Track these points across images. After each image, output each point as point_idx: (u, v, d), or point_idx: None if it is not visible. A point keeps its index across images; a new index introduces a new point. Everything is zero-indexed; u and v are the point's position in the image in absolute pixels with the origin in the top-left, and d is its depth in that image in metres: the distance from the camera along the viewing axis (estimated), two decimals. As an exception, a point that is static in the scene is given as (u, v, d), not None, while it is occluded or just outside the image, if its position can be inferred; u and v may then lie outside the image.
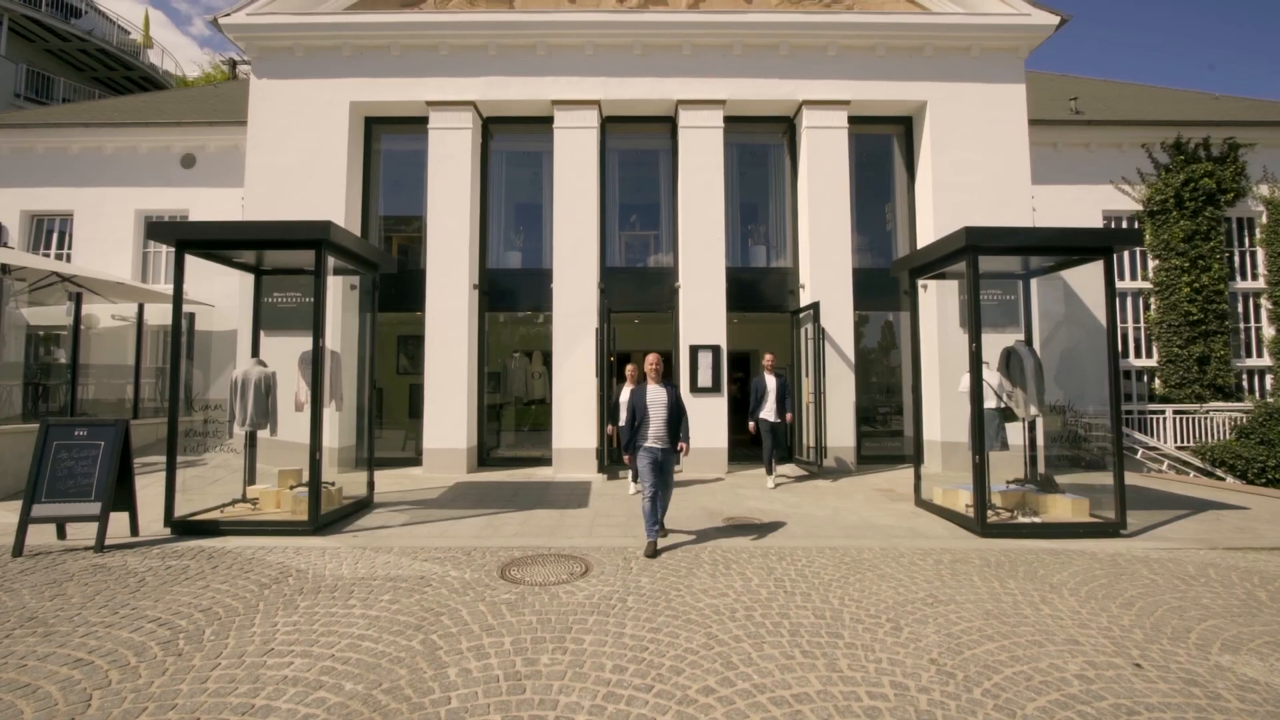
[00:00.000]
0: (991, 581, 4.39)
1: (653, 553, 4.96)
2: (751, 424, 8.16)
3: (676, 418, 5.26)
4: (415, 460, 9.45)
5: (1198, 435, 11.13)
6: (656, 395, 5.25)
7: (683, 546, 5.24)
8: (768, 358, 8.20)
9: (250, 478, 6.66)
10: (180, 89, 20.55)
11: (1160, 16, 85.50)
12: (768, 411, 8.00)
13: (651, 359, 5.38)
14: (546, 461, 9.35)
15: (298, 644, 3.32)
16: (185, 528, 5.54)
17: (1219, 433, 11.08)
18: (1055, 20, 9.22)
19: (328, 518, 5.80)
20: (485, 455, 9.68)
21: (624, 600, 3.98)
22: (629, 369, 7.52)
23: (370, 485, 6.83)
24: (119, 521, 5.38)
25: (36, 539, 5.18)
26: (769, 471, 8.08)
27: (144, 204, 11.94)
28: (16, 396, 11.43)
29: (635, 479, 7.27)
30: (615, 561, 4.80)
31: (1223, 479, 9.90)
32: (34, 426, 7.08)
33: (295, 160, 9.21)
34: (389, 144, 10.22)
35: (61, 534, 5.32)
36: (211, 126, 11.84)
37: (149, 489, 6.85)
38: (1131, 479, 7.69)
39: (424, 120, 9.44)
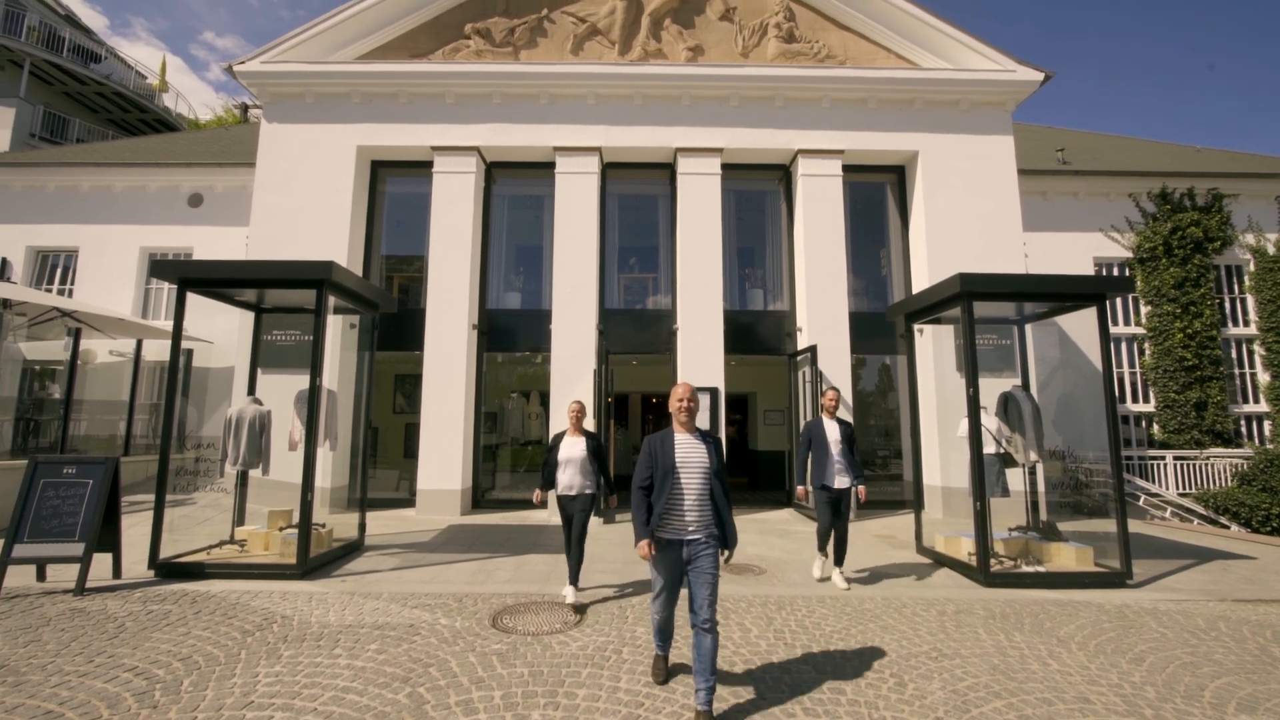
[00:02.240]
0: (997, 634, 4.27)
1: (664, 676, 3.43)
2: (801, 489, 5.79)
3: (719, 489, 3.26)
4: (409, 501, 9.29)
5: (1199, 481, 11.05)
6: (691, 450, 3.26)
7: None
8: (829, 394, 5.76)
9: (239, 518, 6.53)
10: (192, 131, 21.10)
11: (1142, 68, 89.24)
12: (831, 474, 5.46)
13: (682, 392, 3.33)
14: (542, 504, 9.18)
15: (279, 696, 3.19)
16: (170, 570, 5.40)
17: (1220, 479, 11.00)
18: (1039, 76, 9.59)
19: (316, 561, 5.66)
20: (480, 497, 9.53)
21: (619, 652, 3.86)
22: (571, 409, 5.20)
23: (361, 527, 6.69)
24: (102, 563, 5.24)
25: (15, 581, 5.04)
26: (837, 561, 5.49)
27: (149, 241, 12.08)
28: (7, 432, 11.32)
29: (575, 581, 4.92)
30: (610, 610, 4.67)
31: (1227, 527, 9.76)
32: (22, 463, 6.98)
33: (301, 201, 9.38)
34: (393, 186, 10.44)
35: (41, 576, 5.17)
36: (220, 167, 12.09)
37: (135, 529, 6.71)
38: (1135, 526, 7.58)
39: (429, 164, 9.66)
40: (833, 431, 5.57)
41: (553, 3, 10.01)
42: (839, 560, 5.51)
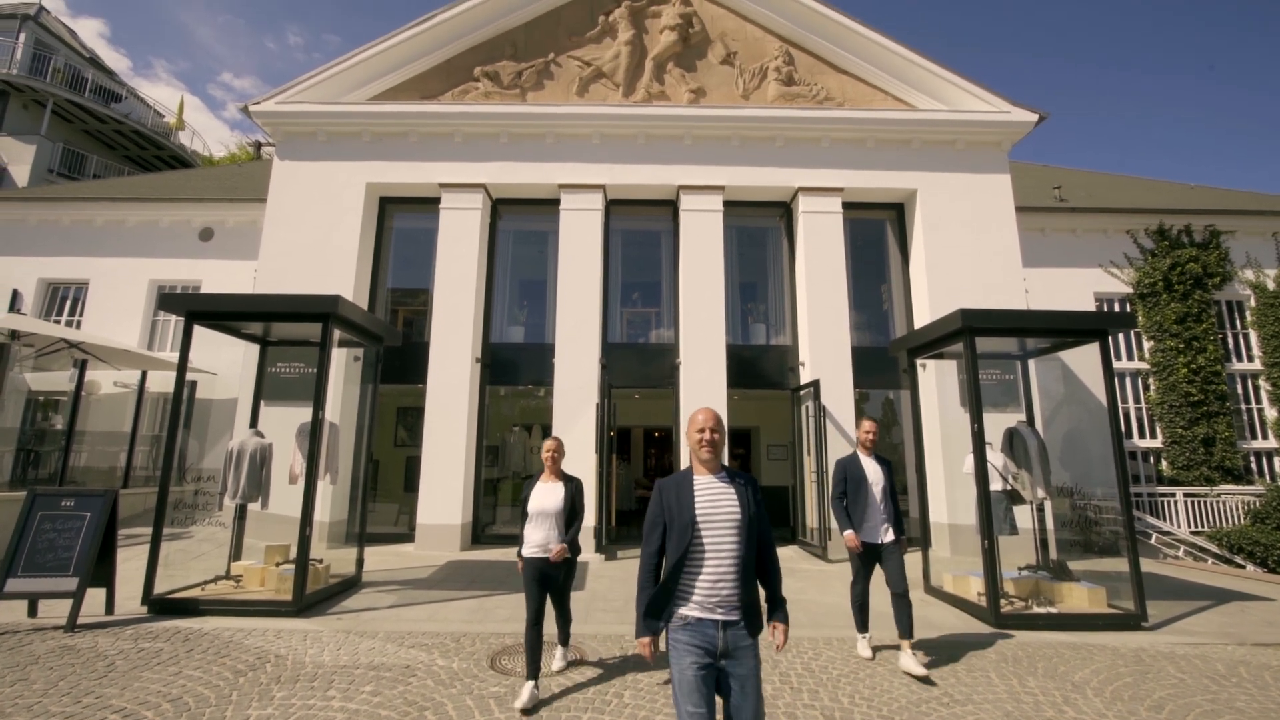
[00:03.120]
0: (1010, 678, 4.15)
1: None
2: (851, 535, 4.56)
3: (761, 551, 2.42)
4: (408, 536, 9.16)
5: (1211, 519, 10.84)
6: (718, 497, 2.39)
7: (683, 634, 4.97)
8: (866, 425, 4.79)
9: (236, 553, 6.44)
10: (206, 168, 21.61)
11: (1133, 111, 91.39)
12: (871, 524, 4.56)
13: (703, 420, 2.47)
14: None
15: (269, 741, 3.10)
16: (163, 606, 5.30)
17: (1233, 516, 10.80)
18: (1034, 117, 9.82)
19: (312, 598, 5.56)
20: (480, 532, 9.40)
21: (620, 696, 3.75)
22: (546, 448, 4.25)
23: (359, 563, 6.58)
24: (95, 598, 5.16)
25: (6, 616, 4.96)
26: (903, 632, 4.32)
27: (159, 274, 12.26)
28: (7, 463, 11.28)
29: (565, 642, 4.21)
30: (611, 651, 4.56)
31: (1243, 566, 9.54)
32: (20, 495, 6.94)
33: (310, 236, 9.54)
34: (401, 221, 10.61)
35: (33, 611, 5.08)
36: (232, 203, 12.34)
37: (130, 562, 6.61)
38: (1148, 566, 7.43)
39: (436, 200, 9.85)
40: (873, 471, 4.67)
41: (559, 47, 10.35)
42: (905, 630, 4.31)
